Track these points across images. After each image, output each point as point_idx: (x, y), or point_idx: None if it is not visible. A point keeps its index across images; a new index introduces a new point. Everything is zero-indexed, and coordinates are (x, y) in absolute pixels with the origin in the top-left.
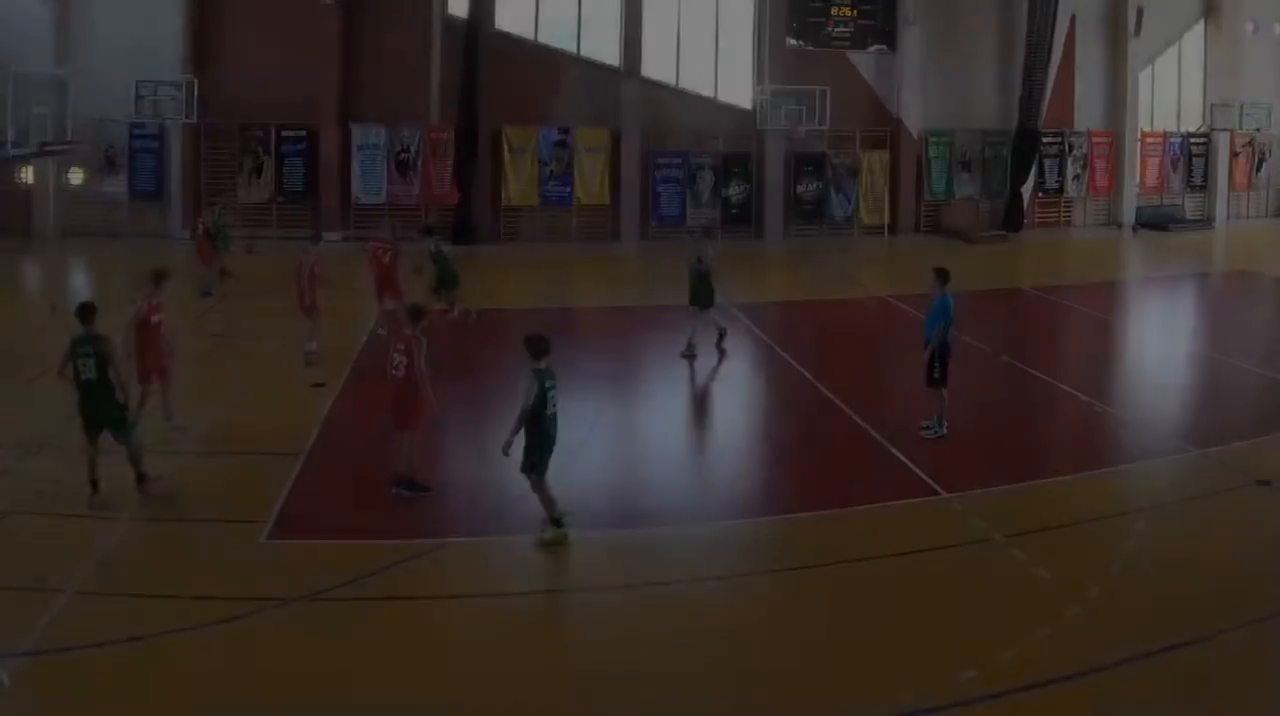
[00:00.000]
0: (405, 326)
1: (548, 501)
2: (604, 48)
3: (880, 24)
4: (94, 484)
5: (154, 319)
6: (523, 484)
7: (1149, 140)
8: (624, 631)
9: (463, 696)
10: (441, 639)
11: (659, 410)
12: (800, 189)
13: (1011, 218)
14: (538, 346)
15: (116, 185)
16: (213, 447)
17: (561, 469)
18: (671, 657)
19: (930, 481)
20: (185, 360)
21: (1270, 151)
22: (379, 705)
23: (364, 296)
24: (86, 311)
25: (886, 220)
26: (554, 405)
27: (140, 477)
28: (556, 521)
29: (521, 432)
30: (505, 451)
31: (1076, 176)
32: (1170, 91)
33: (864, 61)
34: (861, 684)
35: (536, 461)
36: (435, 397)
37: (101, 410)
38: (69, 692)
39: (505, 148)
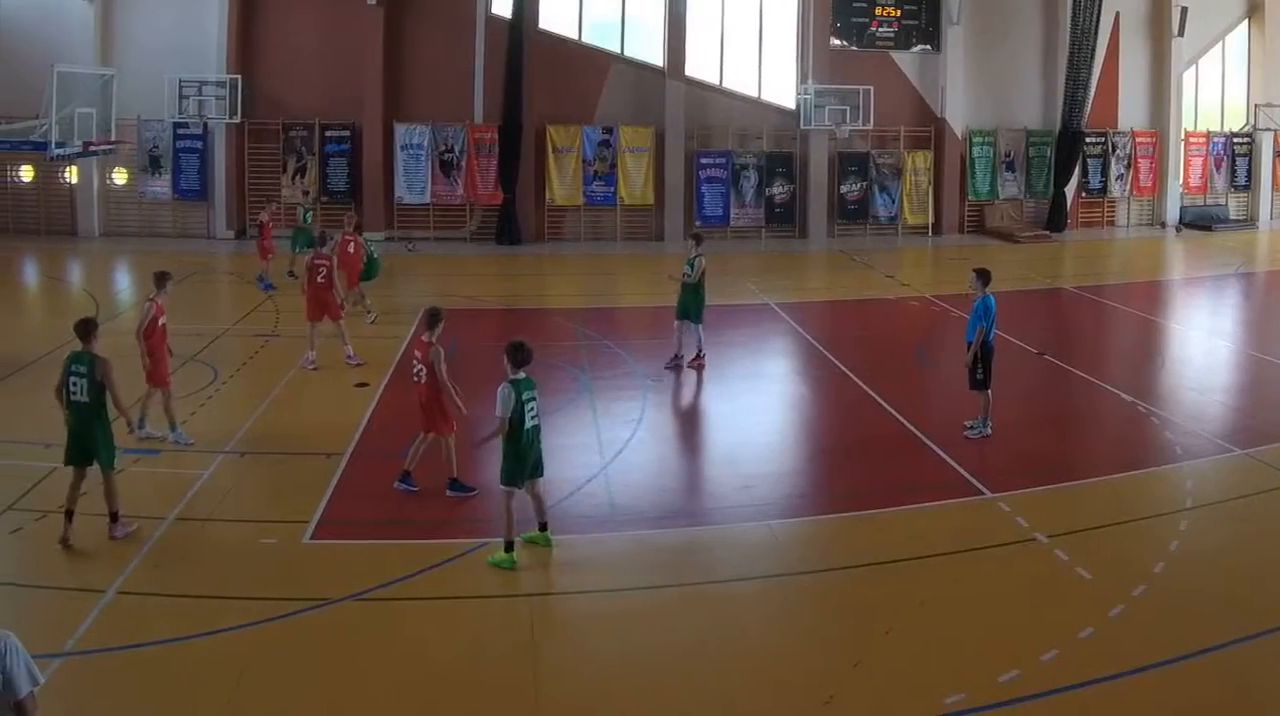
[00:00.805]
0: (422, 332)
1: (508, 521)
2: (647, 47)
3: (924, 24)
4: (69, 515)
5: (161, 321)
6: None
7: (1192, 140)
8: (667, 630)
9: (506, 695)
10: (485, 638)
11: (702, 409)
12: (844, 189)
13: (1055, 218)
14: (516, 355)
15: (161, 185)
16: (256, 448)
17: (607, 468)
18: (714, 656)
19: (974, 482)
20: (229, 359)
21: None
22: (423, 704)
23: (414, 295)
24: (85, 328)
25: (930, 220)
26: (534, 417)
27: (114, 517)
28: (509, 545)
29: (500, 443)
30: (475, 447)
31: (1120, 176)
32: (1214, 91)
33: (907, 61)
34: (905, 683)
35: (512, 474)
36: (462, 400)
37: (89, 435)
38: (111, 693)
39: (549, 147)
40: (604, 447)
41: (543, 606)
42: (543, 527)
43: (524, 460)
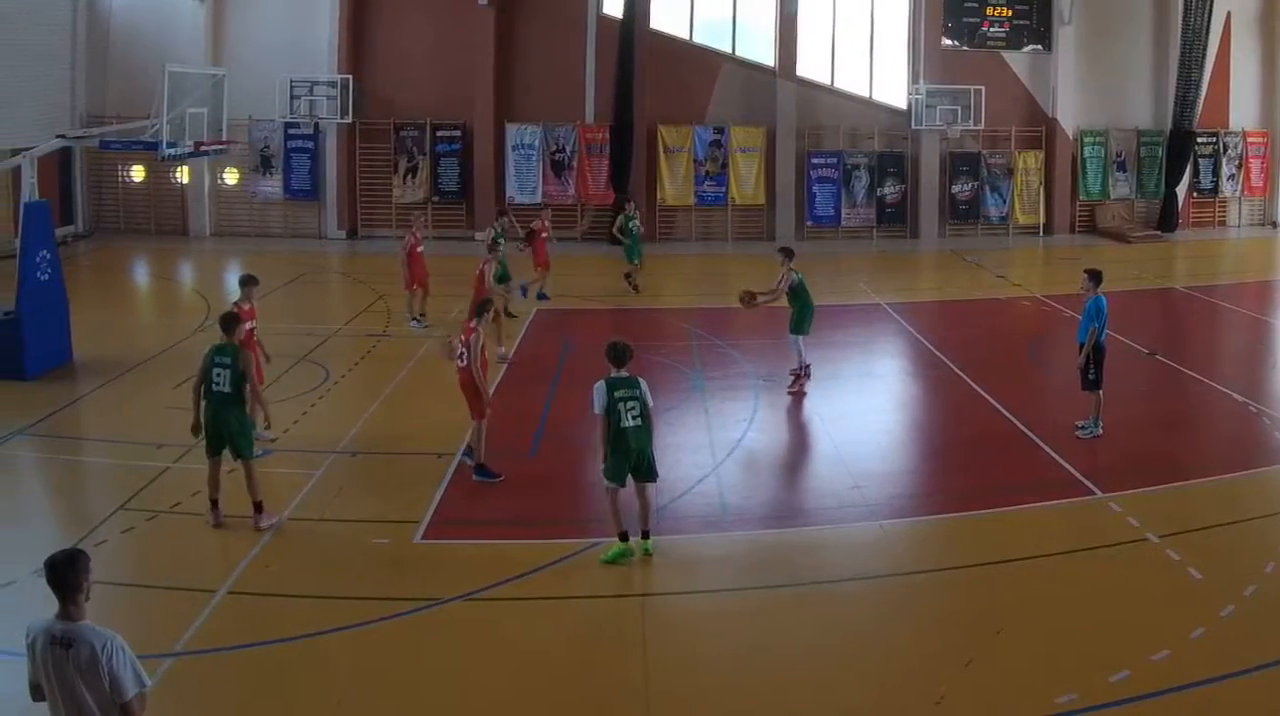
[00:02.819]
0: (470, 318)
1: (615, 515)
2: (759, 47)
3: (1035, 24)
4: (215, 502)
5: (248, 325)
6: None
7: None
8: (779, 630)
9: (618, 694)
10: (597, 638)
11: (811, 409)
12: (955, 189)
13: (1166, 218)
14: (612, 353)
15: (272, 185)
16: (367, 448)
17: (718, 468)
18: (825, 656)
19: (1086, 481)
20: (341, 359)
21: None
22: (534, 704)
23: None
24: (229, 321)
25: (1041, 220)
26: (633, 416)
27: (258, 507)
28: (622, 535)
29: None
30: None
31: (1231, 176)
32: None
33: (1019, 61)
34: (1016, 683)
35: (612, 470)
36: (490, 392)
37: (229, 424)
38: (222, 693)
39: (660, 147)
40: (715, 447)
41: (654, 606)
42: (644, 536)
43: (624, 458)
